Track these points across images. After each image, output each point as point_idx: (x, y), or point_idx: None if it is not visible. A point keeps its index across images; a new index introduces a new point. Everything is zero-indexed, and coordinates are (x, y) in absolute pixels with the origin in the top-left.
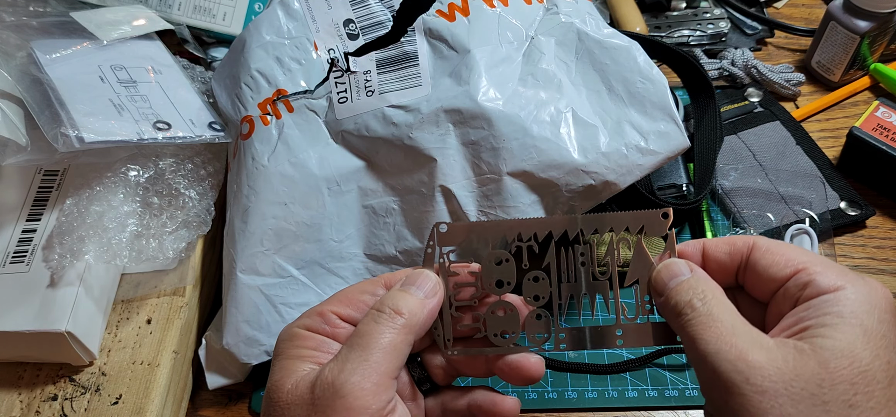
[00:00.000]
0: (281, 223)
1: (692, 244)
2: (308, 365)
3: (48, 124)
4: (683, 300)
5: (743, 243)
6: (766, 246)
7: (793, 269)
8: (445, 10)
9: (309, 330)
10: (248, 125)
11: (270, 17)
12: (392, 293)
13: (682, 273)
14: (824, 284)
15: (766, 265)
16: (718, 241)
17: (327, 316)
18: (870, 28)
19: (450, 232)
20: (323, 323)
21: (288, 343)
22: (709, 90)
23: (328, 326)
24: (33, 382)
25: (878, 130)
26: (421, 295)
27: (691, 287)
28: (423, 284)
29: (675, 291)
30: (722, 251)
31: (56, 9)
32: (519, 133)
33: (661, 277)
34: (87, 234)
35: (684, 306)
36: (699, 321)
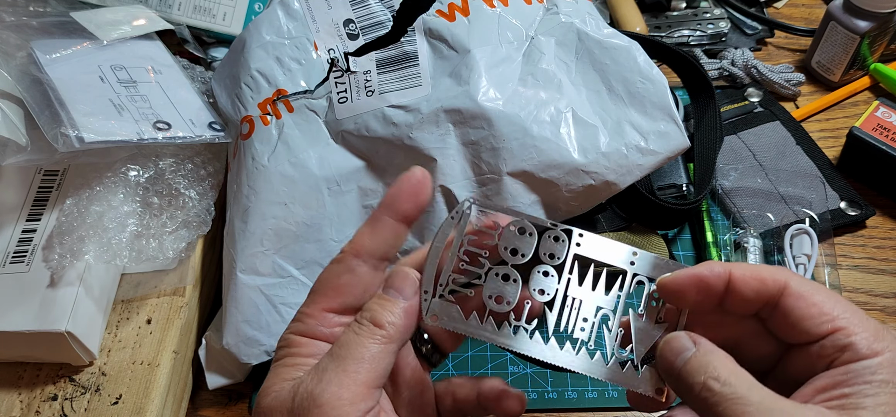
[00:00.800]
0: (281, 223)
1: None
2: (296, 373)
3: (48, 124)
4: (697, 381)
5: (773, 282)
6: (799, 292)
7: (831, 327)
8: (445, 10)
9: (302, 336)
10: (248, 125)
11: (270, 17)
12: (372, 303)
13: (685, 348)
14: (864, 349)
15: (800, 316)
16: (747, 274)
17: (320, 317)
18: (870, 28)
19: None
20: (318, 325)
21: (282, 349)
22: (709, 90)
23: (324, 327)
24: (33, 382)
25: (878, 130)
26: (402, 302)
27: (702, 365)
28: (403, 288)
29: (686, 372)
30: (750, 287)
31: (56, 9)
32: (519, 133)
33: (667, 356)
34: (87, 234)
35: (701, 388)
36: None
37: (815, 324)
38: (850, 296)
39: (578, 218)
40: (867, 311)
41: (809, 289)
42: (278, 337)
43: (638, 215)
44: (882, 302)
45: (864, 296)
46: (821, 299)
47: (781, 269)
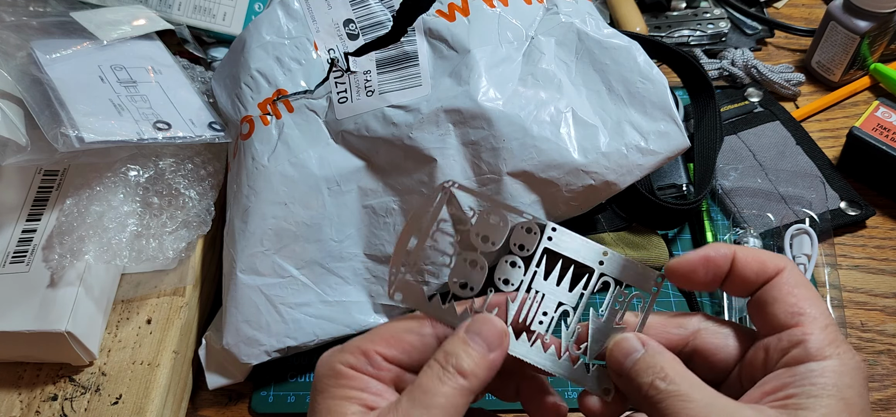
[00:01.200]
0: (281, 223)
1: (723, 249)
2: (355, 408)
3: (48, 124)
4: (645, 381)
5: (774, 266)
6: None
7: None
8: (445, 10)
9: (353, 369)
10: (248, 125)
11: (270, 17)
12: (456, 347)
13: (634, 350)
14: (813, 351)
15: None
16: (749, 256)
17: (372, 357)
18: (870, 28)
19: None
20: (368, 364)
21: (331, 380)
22: (709, 90)
23: (372, 368)
24: (33, 382)
25: (878, 130)
26: (485, 351)
27: (649, 365)
28: (488, 336)
29: (634, 371)
30: (751, 268)
31: (56, 9)
32: (519, 133)
33: (616, 357)
34: (87, 234)
35: (648, 388)
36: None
37: (783, 312)
38: (850, 296)
39: (578, 219)
40: (867, 311)
41: (796, 280)
42: (277, 337)
43: (638, 215)
44: (882, 302)
45: (864, 296)
46: (800, 292)
47: (783, 257)
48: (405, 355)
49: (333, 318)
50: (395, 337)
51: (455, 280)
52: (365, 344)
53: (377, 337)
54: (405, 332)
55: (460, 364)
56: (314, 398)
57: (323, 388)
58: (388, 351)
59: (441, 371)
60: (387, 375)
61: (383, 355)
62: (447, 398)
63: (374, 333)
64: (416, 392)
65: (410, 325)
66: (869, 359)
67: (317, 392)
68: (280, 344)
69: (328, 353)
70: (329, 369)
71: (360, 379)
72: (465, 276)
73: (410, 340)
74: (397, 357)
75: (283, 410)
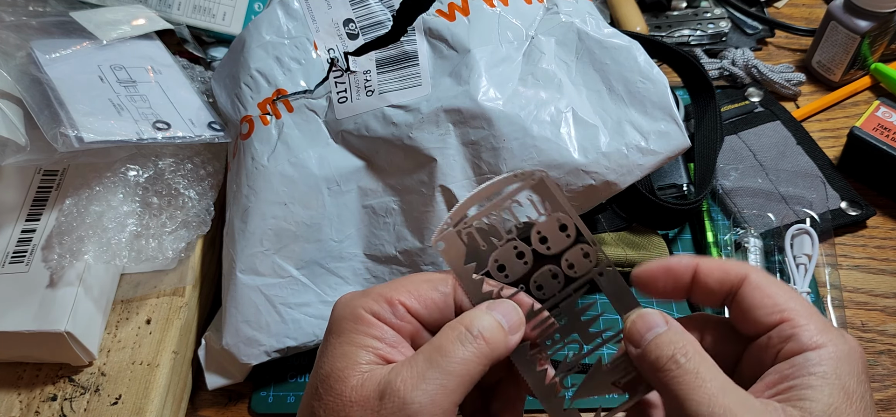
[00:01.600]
0: (281, 223)
1: (686, 260)
2: (371, 357)
3: (48, 124)
4: (665, 354)
5: (736, 274)
6: (757, 282)
7: (778, 317)
8: (445, 10)
9: (375, 316)
10: (248, 125)
11: (270, 17)
12: (480, 315)
13: (657, 324)
14: (806, 341)
15: (753, 305)
16: (712, 266)
17: (396, 307)
18: (870, 28)
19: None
20: (391, 313)
21: (350, 323)
22: (709, 90)
23: (395, 318)
24: (33, 382)
25: (879, 130)
26: (506, 325)
27: (672, 341)
28: (509, 316)
29: (655, 344)
30: (714, 276)
31: (56, 8)
32: (519, 133)
33: (638, 328)
34: (86, 234)
35: (667, 361)
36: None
37: (766, 314)
38: (851, 296)
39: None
40: (867, 311)
41: (766, 281)
42: (277, 337)
43: (638, 215)
44: (882, 302)
45: (865, 296)
46: (775, 291)
47: (745, 264)
48: (426, 311)
49: None
50: (418, 290)
51: (496, 260)
52: (389, 293)
53: (401, 288)
54: (428, 287)
55: (483, 331)
56: (329, 340)
57: (340, 331)
58: (411, 303)
59: (464, 333)
60: (407, 328)
61: (406, 305)
62: (465, 363)
63: (397, 283)
64: (433, 353)
65: (433, 281)
66: (869, 360)
67: (332, 334)
68: (280, 345)
69: (349, 296)
70: (350, 312)
71: (379, 328)
72: (507, 262)
73: (432, 296)
74: (419, 310)
75: (283, 410)
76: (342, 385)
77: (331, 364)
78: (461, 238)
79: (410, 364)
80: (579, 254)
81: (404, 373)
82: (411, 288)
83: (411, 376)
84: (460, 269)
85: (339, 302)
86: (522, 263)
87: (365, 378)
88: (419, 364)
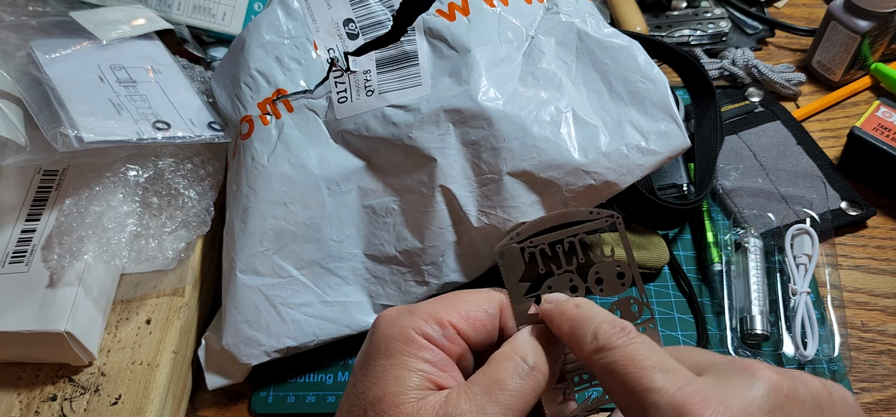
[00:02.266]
0: (280, 223)
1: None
2: (422, 381)
3: (47, 124)
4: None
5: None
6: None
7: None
8: (445, 10)
9: (426, 339)
10: (248, 125)
11: (270, 17)
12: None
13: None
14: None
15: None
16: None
17: (447, 328)
18: (870, 28)
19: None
20: (442, 336)
21: (401, 344)
22: (709, 90)
23: (447, 341)
24: (32, 382)
25: (879, 130)
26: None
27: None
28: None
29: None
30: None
31: (55, 8)
32: (519, 133)
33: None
34: (86, 234)
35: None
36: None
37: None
38: (851, 296)
39: None
40: (868, 311)
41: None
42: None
43: (638, 215)
44: (883, 302)
45: (865, 296)
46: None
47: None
48: (475, 333)
49: (333, 318)
50: (468, 311)
51: (550, 286)
52: (440, 313)
53: (451, 308)
54: (476, 308)
55: (538, 363)
56: (377, 360)
57: (390, 352)
58: (461, 325)
59: (521, 365)
60: (456, 350)
61: (456, 327)
62: (522, 396)
63: (445, 302)
64: (492, 386)
65: (481, 302)
66: (870, 360)
67: (381, 355)
68: (280, 345)
69: (396, 313)
70: (400, 332)
71: (431, 351)
72: (560, 291)
73: (480, 317)
74: (468, 332)
75: (283, 410)
76: (396, 412)
77: (382, 387)
78: (523, 256)
79: (469, 396)
80: (628, 304)
81: (463, 405)
82: (461, 309)
83: (471, 408)
84: (514, 286)
85: (386, 319)
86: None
87: (420, 407)
88: (478, 396)
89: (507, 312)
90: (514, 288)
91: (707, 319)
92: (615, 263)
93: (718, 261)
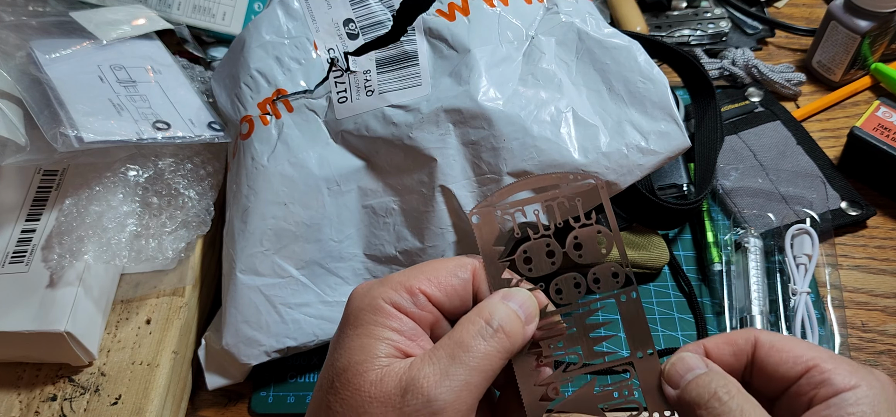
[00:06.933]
0: (280, 223)
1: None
2: (389, 349)
3: (47, 124)
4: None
5: (744, 340)
6: (771, 342)
7: (804, 367)
8: (445, 10)
9: (395, 307)
10: (248, 125)
11: (270, 17)
12: (498, 306)
13: (697, 366)
14: (840, 383)
15: (775, 364)
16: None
17: (417, 296)
18: (871, 28)
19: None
20: (412, 304)
21: (369, 314)
22: (709, 90)
23: (417, 308)
24: (32, 382)
25: (879, 130)
26: (523, 316)
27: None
28: (525, 306)
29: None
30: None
31: (55, 8)
32: (519, 133)
33: (677, 370)
34: (86, 234)
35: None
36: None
37: (790, 368)
38: (851, 296)
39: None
40: (868, 311)
41: (779, 339)
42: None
43: (638, 215)
44: (883, 302)
45: (865, 296)
46: (791, 344)
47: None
48: (447, 298)
49: (333, 318)
50: (439, 277)
51: (525, 251)
52: (410, 281)
53: (421, 275)
54: (448, 274)
55: (506, 324)
56: (345, 331)
57: (358, 322)
58: (431, 291)
59: (484, 327)
60: (427, 317)
61: (427, 294)
62: (488, 358)
63: (416, 271)
64: (455, 349)
65: (452, 267)
66: (870, 360)
67: (349, 325)
68: (280, 345)
69: (367, 285)
70: (368, 303)
71: (399, 319)
72: (536, 256)
73: (452, 283)
74: (439, 299)
75: (283, 411)
76: (360, 380)
77: (348, 357)
78: (498, 218)
79: (433, 360)
80: (608, 272)
81: (427, 370)
82: (431, 276)
83: (434, 372)
84: (488, 249)
85: (357, 291)
86: (550, 263)
87: (384, 373)
88: (442, 360)
89: (480, 277)
90: (488, 252)
91: (707, 319)
92: (595, 228)
93: (718, 261)
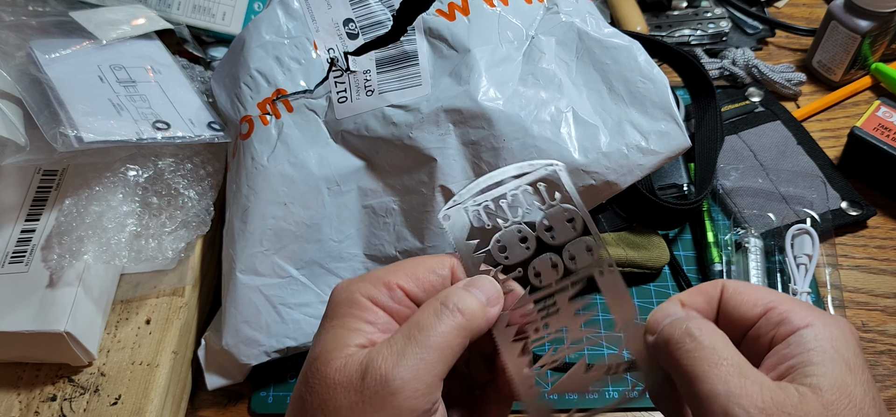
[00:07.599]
0: (280, 223)
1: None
2: (360, 340)
3: (47, 124)
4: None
5: (713, 288)
6: (735, 287)
7: (763, 308)
8: (445, 10)
9: (372, 301)
10: (248, 125)
11: (270, 17)
12: (455, 290)
13: (674, 312)
14: (797, 321)
15: (736, 306)
16: (692, 292)
17: (394, 292)
18: (871, 27)
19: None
20: (389, 298)
21: (345, 307)
22: (710, 90)
23: (394, 303)
24: (32, 382)
25: (879, 130)
26: (483, 298)
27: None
28: (486, 289)
29: (670, 325)
30: (698, 301)
31: (55, 8)
32: (519, 133)
33: (656, 318)
34: (86, 234)
35: (682, 335)
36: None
37: (749, 309)
38: (851, 296)
39: None
40: (868, 311)
41: (742, 285)
42: (277, 338)
43: (638, 215)
44: (883, 302)
45: (865, 296)
46: (752, 289)
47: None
48: (425, 294)
49: None
50: (417, 274)
51: (499, 240)
52: (388, 277)
53: (400, 271)
54: (427, 270)
55: (461, 303)
56: (323, 324)
57: (335, 315)
58: (409, 286)
59: (441, 308)
60: (404, 312)
61: (405, 290)
62: (444, 336)
63: (397, 268)
64: (412, 329)
65: (431, 264)
66: (870, 360)
67: (327, 318)
68: (279, 345)
69: (347, 281)
70: (347, 297)
71: (373, 312)
72: (510, 244)
73: (430, 279)
74: (417, 294)
75: (283, 411)
76: (327, 368)
77: (322, 345)
78: (467, 214)
79: (390, 343)
80: (582, 248)
81: (385, 352)
82: (410, 272)
83: (391, 353)
84: (462, 245)
85: (338, 286)
86: (524, 248)
87: (348, 360)
88: (399, 341)
89: (458, 273)
90: (463, 247)
91: None
92: (562, 208)
93: (719, 261)
